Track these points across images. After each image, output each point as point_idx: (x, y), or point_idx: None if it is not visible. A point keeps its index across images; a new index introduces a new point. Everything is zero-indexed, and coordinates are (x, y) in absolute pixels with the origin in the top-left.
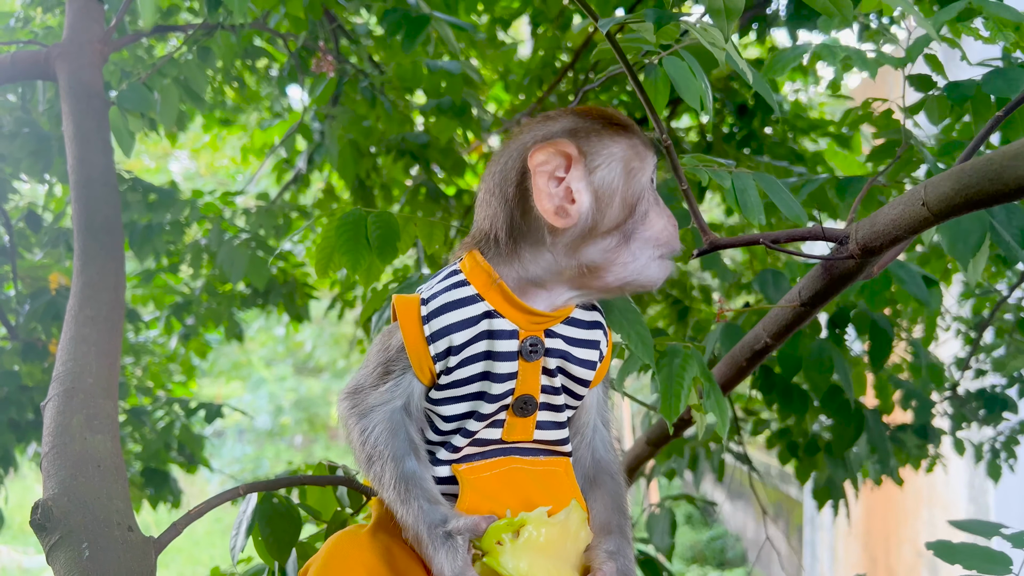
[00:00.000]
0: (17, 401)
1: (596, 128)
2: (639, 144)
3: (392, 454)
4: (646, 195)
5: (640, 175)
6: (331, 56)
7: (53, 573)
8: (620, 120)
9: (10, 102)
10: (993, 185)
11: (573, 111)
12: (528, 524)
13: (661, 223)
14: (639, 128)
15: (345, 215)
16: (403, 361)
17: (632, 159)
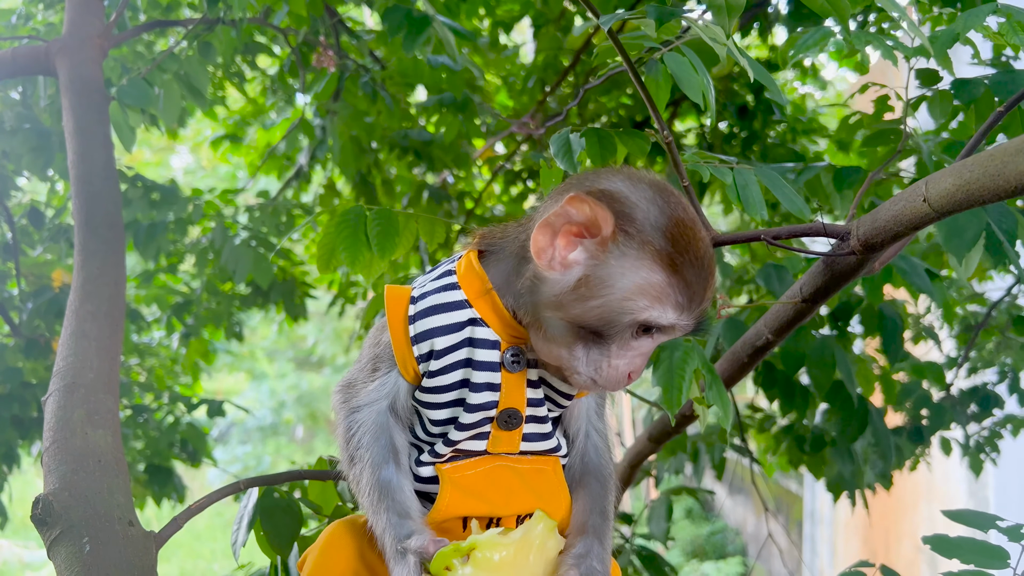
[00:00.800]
0: (20, 398)
1: (657, 241)
2: (673, 292)
3: (372, 459)
4: (626, 334)
5: (640, 311)
6: (332, 51)
7: (54, 567)
8: (687, 255)
9: (11, 98)
10: (995, 181)
11: (671, 210)
12: (478, 548)
13: (616, 363)
14: (696, 283)
15: (346, 212)
16: (391, 358)
17: (649, 292)
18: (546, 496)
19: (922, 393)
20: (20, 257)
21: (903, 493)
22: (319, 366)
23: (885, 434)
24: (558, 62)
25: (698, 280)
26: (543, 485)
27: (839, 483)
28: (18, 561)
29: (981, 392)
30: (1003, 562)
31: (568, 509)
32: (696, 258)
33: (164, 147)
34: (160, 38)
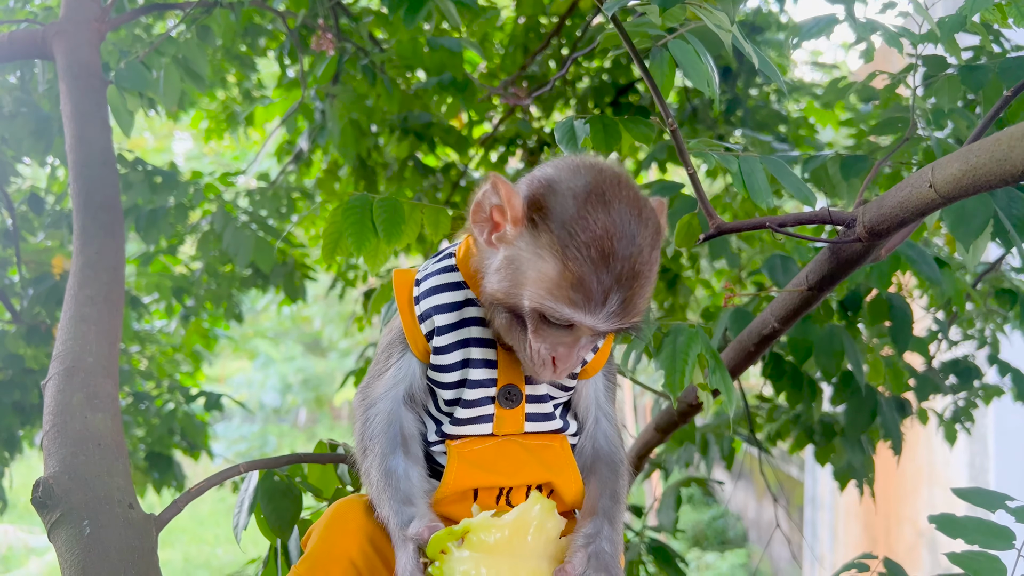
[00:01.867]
0: (21, 384)
1: (559, 233)
2: (567, 288)
3: (381, 450)
4: (536, 319)
5: (533, 299)
6: (331, 34)
7: (55, 550)
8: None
9: (9, 83)
10: (1001, 166)
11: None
12: (472, 531)
13: (536, 347)
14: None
15: (351, 199)
16: (403, 341)
17: (542, 283)
18: (555, 468)
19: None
20: (20, 244)
21: (904, 478)
22: (326, 350)
23: (895, 424)
24: (540, 26)
25: (599, 279)
26: (551, 458)
27: (848, 472)
28: (23, 546)
29: (961, 364)
30: (1008, 543)
31: (577, 482)
32: (601, 257)
33: (166, 133)
34: (158, 21)
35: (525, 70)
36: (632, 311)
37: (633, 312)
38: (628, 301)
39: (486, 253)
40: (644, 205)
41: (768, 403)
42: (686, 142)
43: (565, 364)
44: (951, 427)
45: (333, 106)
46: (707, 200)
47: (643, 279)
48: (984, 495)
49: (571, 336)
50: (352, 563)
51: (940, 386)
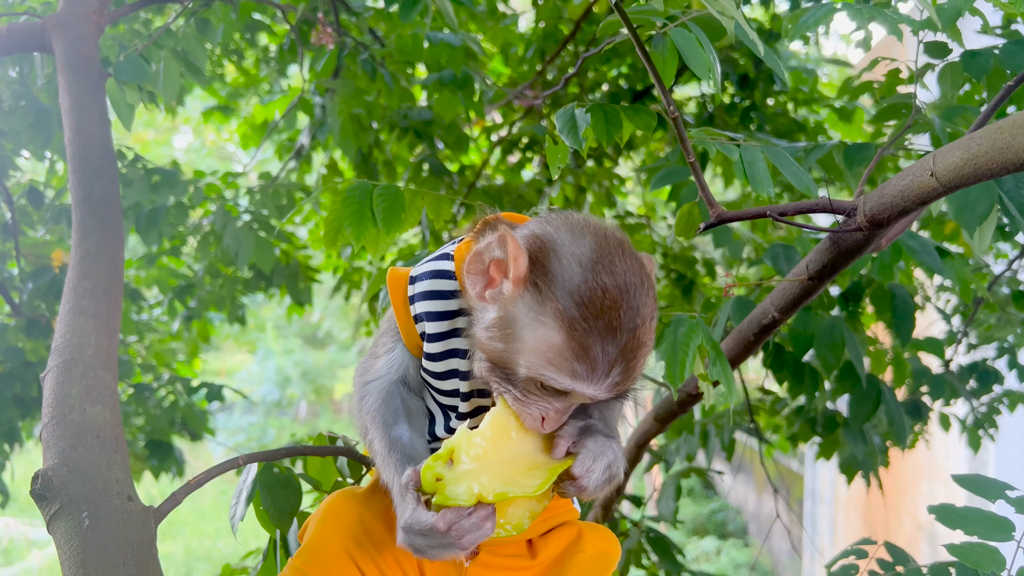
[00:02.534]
0: (22, 377)
1: (563, 301)
2: (571, 359)
3: (383, 421)
4: (528, 385)
5: (533, 368)
6: (331, 28)
7: (54, 542)
8: (595, 322)
9: (9, 76)
10: (1003, 154)
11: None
12: (456, 450)
13: (524, 409)
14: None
15: (351, 187)
16: (398, 333)
17: (544, 352)
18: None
19: (921, 368)
20: (20, 237)
21: (904, 472)
22: (325, 343)
23: (899, 414)
24: (558, 31)
25: (604, 351)
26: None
27: (852, 464)
28: (24, 539)
29: (980, 368)
30: (1008, 534)
31: None
32: (607, 328)
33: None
34: (157, 15)
35: (542, 75)
36: (631, 379)
37: (632, 380)
38: (630, 371)
39: (477, 305)
40: (643, 271)
41: (770, 395)
42: (687, 132)
43: (554, 424)
44: (974, 433)
45: (333, 101)
46: (707, 188)
47: (645, 349)
48: (984, 483)
49: (564, 402)
50: (348, 554)
51: (959, 389)
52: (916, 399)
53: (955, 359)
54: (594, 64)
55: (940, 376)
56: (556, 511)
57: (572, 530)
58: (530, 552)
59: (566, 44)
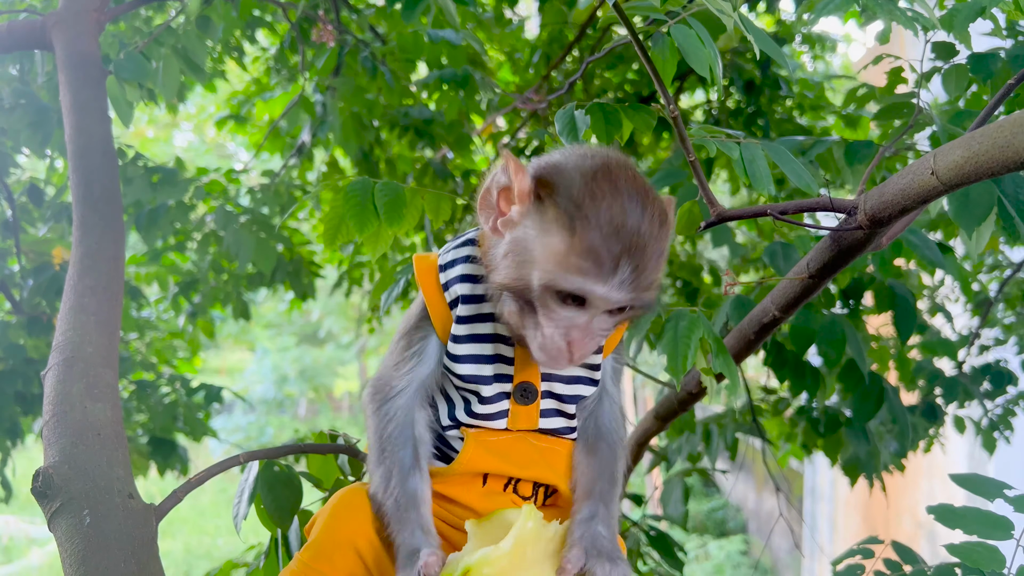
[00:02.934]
0: (23, 374)
1: (564, 205)
2: (577, 257)
3: (400, 463)
4: (547, 300)
5: (544, 275)
6: (331, 26)
7: (55, 540)
8: (595, 219)
9: (9, 74)
10: (1003, 153)
11: (596, 178)
12: (472, 571)
13: (548, 332)
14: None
15: (352, 183)
16: (426, 324)
17: (551, 256)
18: (559, 472)
19: (934, 370)
20: (20, 235)
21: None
22: (324, 341)
23: (902, 412)
24: (563, 36)
25: (607, 246)
26: (556, 462)
27: (855, 465)
28: (24, 536)
29: (994, 369)
30: (1007, 533)
31: None
32: (610, 225)
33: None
34: (158, 12)
35: (547, 79)
36: (644, 283)
37: (645, 284)
38: (639, 271)
39: (493, 242)
40: (651, 189)
41: (772, 394)
42: (687, 130)
43: (581, 348)
44: (989, 435)
45: (334, 99)
46: (708, 187)
47: (652, 251)
48: (982, 482)
49: (585, 315)
50: (357, 552)
51: (972, 391)
52: (930, 401)
53: (968, 361)
54: (600, 70)
55: (953, 378)
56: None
57: None
58: None
59: (571, 49)
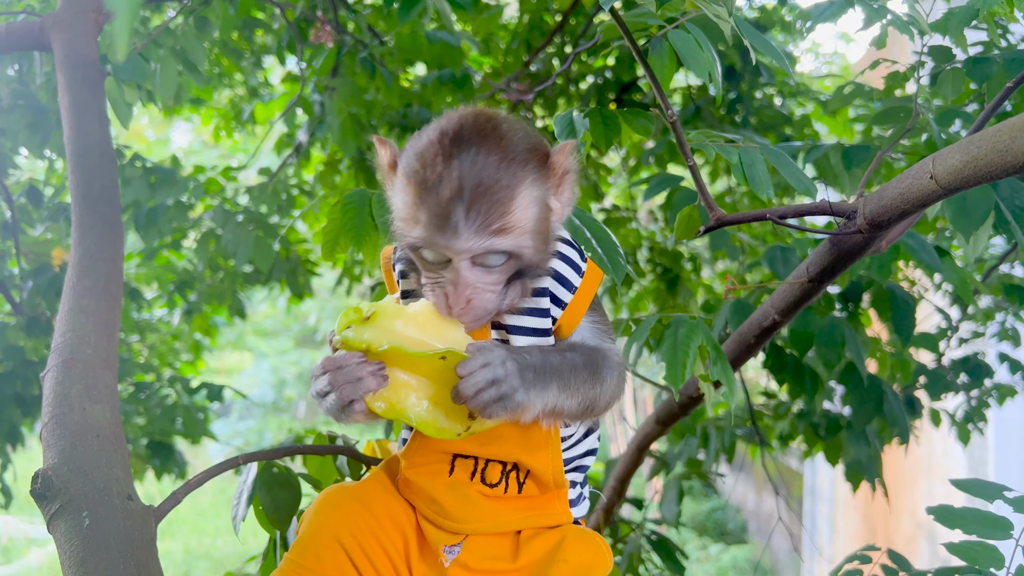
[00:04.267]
0: (22, 376)
1: (408, 164)
2: (415, 210)
3: None
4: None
5: (401, 233)
6: (329, 26)
7: (54, 541)
8: (424, 172)
9: (7, 75)
10: (1003, 157)
11: (433, 133)
12: (379, 311)
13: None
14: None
15: (349, 195)
16: None
17: (402, 213)
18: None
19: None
20: (20, 236)
21: (903, 470)
22: (322, 344)
23: (901, 414)
24: (543, 23)
25: (438, 194)
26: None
27: (857, 471)
28: (24, 537)
29: (972, 362)
30: (1006, 533)
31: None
32: (437, 175)
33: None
34: (156, 13)
35: (528, 67)
36: (487, 227)
37: (491, 228)
38: (477, 215)
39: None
40: (519, 137)
41: (772, 398)
42: (686, 134)
43: (457, 302)
44: (964, 428)
45: (332, 99)
46: (707, 192)
47: (490, 194)
48: (982, 486)
49: (449, 269)
50: (341, 545)
51: (951, 384)
52: (909, 395)
53: (947, 353)
54: (579, 55)
55: (935, 371)
56: (550, 511)
57: (556, 535)
58: (513, 555)
59: (553, 36)
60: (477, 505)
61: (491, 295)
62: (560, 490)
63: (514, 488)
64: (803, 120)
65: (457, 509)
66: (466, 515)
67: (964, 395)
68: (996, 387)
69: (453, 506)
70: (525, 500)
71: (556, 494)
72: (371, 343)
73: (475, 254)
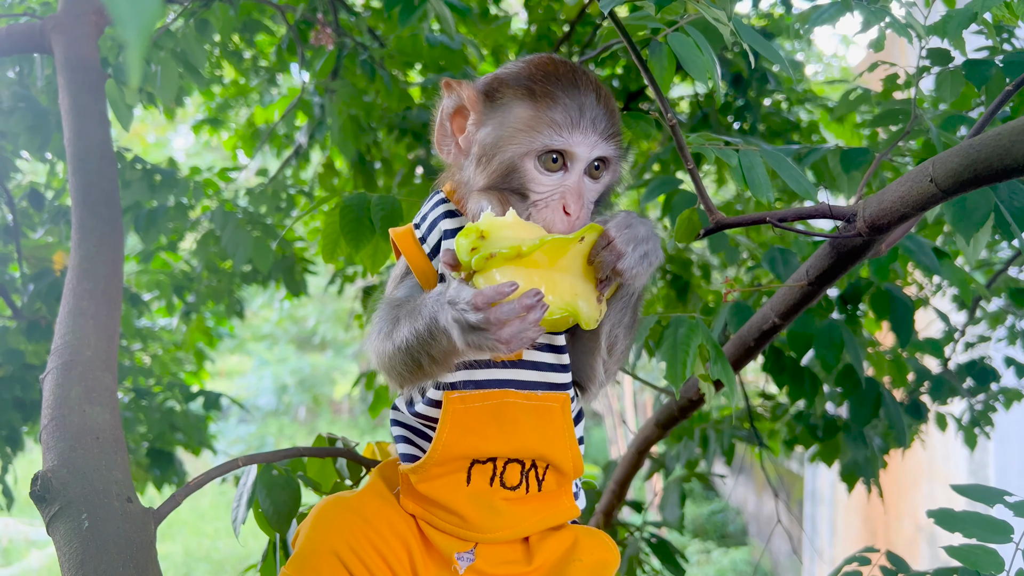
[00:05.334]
0: (22, 379)
1: (520, 84)
2: (545, 113)
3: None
4: (531, 174)
5: (524, 143)
6: (330, 29)
7: (53, 543)
8: (550, 80)
9: (8, 77)
10: (1002, 160)
11: (539, 61)
12: (488, 225)
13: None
14: (569, 99)
15: (348, 198)
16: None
17: (524, 125)
18: (550, 435)
19: (921, 368)
20: (21, 239)
21: (904, 473)
22: (321, 348)
23: (899, 417)
24: (551, 33)
25: (571, 98)
26: (548, 421)
27: (853, 472)
28: (23, 539)
29: (978, 366)
30: (1006, 536)
31: (572, 449)
32: (566, 82)
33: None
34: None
35: None
36: (611, 130)
37: (612, 131)
38: (603, 117)
39: (461, 166)
40: None
41: (770, 399)
42: (685, 137)
43: (578, 206)
44: (970, 432)
45: (332, 101)
46: (707, 195)
47: (609, 104)
48: (983, 491)
49: (570, 174)
50: (339, 559)
51: (957, 388)
52: (915, 399)
53: (953, 357)
54: (586, 64)
55: (940, 376)
56: (559, 507)
57: (569, 535)
58: (527, 558)
59: (560, 46)
60: (503, 513)
61: (589, 207)
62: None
63: (534, 487)
64: (811, 126)
65: (482, 520)
66: (492, 524)
67: (969, 400)
68: (1002, 391)
69: (478, 517)
70: (544, 498)
71: (566, 488)
72: (520, 248)
73: (602, 154)
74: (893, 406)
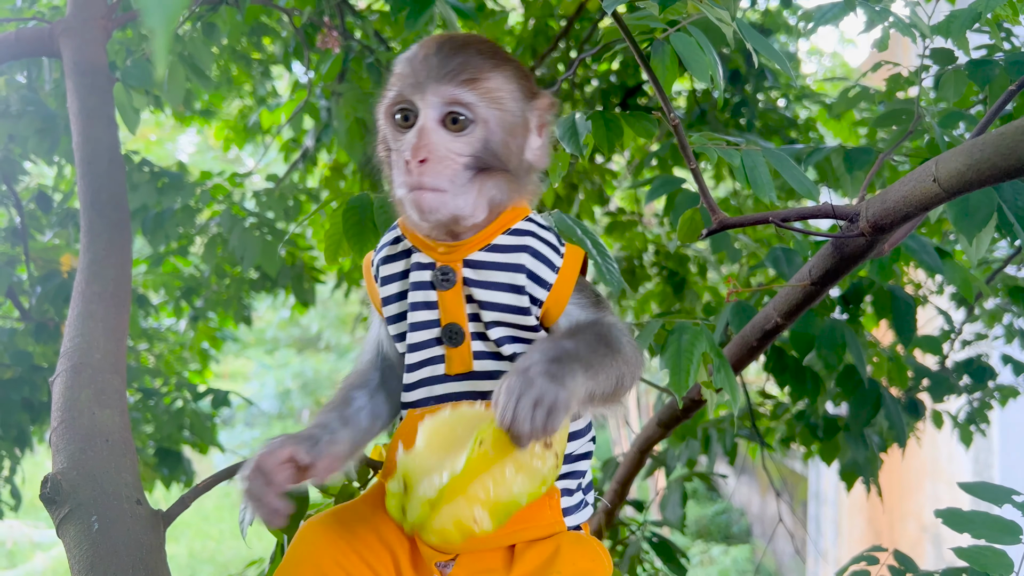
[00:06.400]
0: (31, 381)
1: None
2: (398, 69)
3: (346, 384)
4: (392, 129)
5: (384, 102)
6: (336, 32)
7: (63, 545)
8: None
9: (17, 81)
10: (1006, 160)
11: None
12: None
13: (396, 167)
14: (413, 57)
15: (352, 199)
16: (370, 311)
17: (387, 88)
18: None
19: (919, 366)
20: (29, 242)
21: (907, 474)
22: (324, 351)
23: (898, 417)
24: (548, 28)
25: (413, 51)
26: None
27: (853, 469)
28: (28, 541)
29: (975, 364)
30: (1015, 537)
31: None
32: (413, 48)
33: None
34: None
35: (534, 72)
36: (465, 75)
37: (467, 76)
38: (451, 63)
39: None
40: (499, 49)
41: (772, 399)
42: (688, 137)
43: (412, 153)
44: (966, 429)
45: (339, 105)
46: (710, 194)
47: (468, 56)
48: (990, 489)
49: (414, 129)
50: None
51: (954, 386)
52: (913, 397)
53: (951, 355)
54: (587, 62)
55: (938, 373)
56: (540, 522)
57: (551, 546)
58: (506, 568)
59: (558, 42)
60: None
61: (453, 165)
62: (552, 499)
63: None
64: (808, 123)
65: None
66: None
67: (967, 397)
68: (999, 388)
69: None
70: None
71: (548, 503)
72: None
73: (444, 100)
74: (893, 406)
